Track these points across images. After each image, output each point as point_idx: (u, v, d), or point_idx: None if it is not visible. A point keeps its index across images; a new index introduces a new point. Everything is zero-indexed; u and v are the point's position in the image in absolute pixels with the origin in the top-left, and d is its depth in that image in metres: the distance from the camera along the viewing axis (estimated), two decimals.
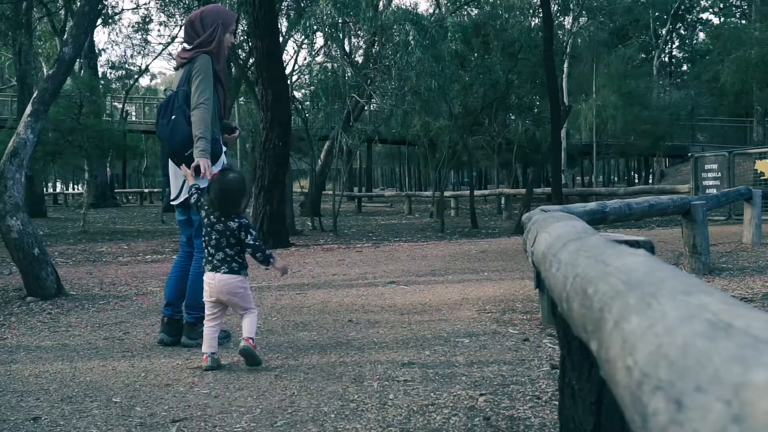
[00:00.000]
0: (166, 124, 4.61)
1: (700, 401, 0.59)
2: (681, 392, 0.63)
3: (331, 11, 15.62)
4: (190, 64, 4.63)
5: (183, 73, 4.66)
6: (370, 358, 4.20)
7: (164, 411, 3.34)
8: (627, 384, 0.80)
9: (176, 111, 4.56)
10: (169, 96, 4.71)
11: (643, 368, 0.75)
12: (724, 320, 0.71)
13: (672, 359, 0.69)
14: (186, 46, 4.80)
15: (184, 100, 4.56)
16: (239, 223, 4.14)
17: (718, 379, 0.59)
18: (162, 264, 10.53)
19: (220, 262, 4.12)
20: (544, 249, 2.33)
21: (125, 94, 39.42)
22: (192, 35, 4.75)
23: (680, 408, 0.62)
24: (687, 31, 51.73)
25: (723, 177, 15.75)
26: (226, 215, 4.15)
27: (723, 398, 0.56)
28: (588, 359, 2.09)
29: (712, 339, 0.67)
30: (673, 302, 0.83)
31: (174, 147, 4.57)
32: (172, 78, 5.00)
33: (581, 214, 5.09)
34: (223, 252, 4.12)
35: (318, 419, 3.16)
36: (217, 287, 4.11)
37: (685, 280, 0.95)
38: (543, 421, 3.07)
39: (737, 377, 0.57)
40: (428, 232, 17.10)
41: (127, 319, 5.84)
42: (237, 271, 4.13)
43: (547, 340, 4.53)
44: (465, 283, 7.34)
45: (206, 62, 4.63)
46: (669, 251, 9.04)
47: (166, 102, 4.69)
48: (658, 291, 0.91)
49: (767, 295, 5.91)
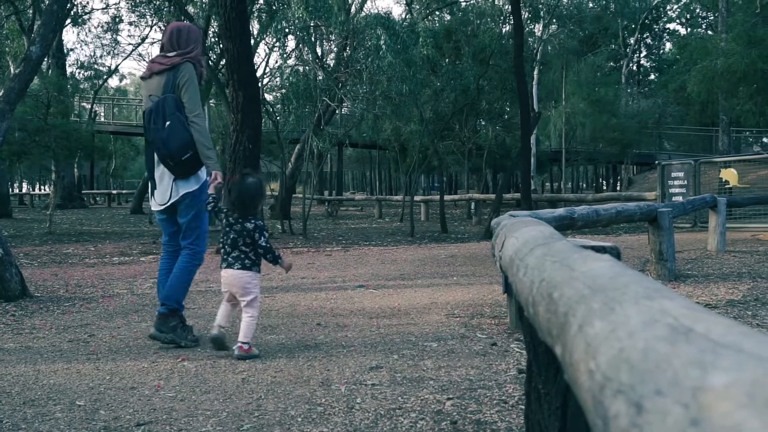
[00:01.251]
0: (160, 129, 4.73)
1: (660, 405, 0.60)
2: (641, 396, 0.64)
3: (302, 15, 15.60)
4: (173, 70, 4.78)
5: (166, 79, 4.78)
6: (338, 362, 4.19)
7: (129, 414, 3.31)
8: (589, 387, 0.80)
9: (170, 117, 4.71)
10: (157, 102, 4.78)
11: (606, 372, 0.75)
12: (685, 325, 0.72)
13: (633, 363, 0.70)
14: (167, 54, 4.89)
15: (176, 107, 4.73)
16: (254, 225, 4.48)
17: (678, 383, 0.60)
18: (129, 266, 10.43)
19: (234, 259, 4.45)
20: (511, 254, 2.35)
21: (94, 94, 38.99)
22: (175, 44, 4.89)
23: (640, 411, 0.62)
24: (655, 40, 52.38)
25: (689, 185, 15.95)
26: (244, 216, 4.49)
27: (681, 401, 0.57)
28: (554, 364, 2.10)
29: (673, 343, 0.68)
30: (636, 307, 0.84)
31: (171, 151, 4.71)
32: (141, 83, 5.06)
33: (550, 220, 5.12)
34: (238, 250, 4.45)
35: (285, 423, 3.15)
36: (230, 281, 4.47)
37: (648, 285, 0.96)
38: (510, 425, 3.08)
39: (696, 381, 0.58)
40: (398, 236, 17.12)
41: (93, 322, 5.77)
42: (249, 267, 4.47)
43: (515, 345, 4.55)
44: (434, 287, 7.36)
45: (192, 70, 4.84)
46: (636, 257, 9.14)
47: (156, 107, 4.78)
48: (621, 296, 0.92)
49: (731, 301, 5.99)
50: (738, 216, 14.69)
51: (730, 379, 0.55)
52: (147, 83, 4.95)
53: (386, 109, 18.00)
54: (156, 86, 4.84)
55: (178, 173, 4.81)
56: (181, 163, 4.75)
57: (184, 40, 4.92)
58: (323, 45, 20.78)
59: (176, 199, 4.82)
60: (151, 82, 4.90)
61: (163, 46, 4.97)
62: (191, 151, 4.74)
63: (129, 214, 28.88)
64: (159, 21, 23.77)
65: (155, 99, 4.83)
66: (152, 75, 4.89)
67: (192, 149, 4.74)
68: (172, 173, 4.82)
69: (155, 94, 4.84)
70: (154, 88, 4.85)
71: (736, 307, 5.77)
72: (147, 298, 7.04)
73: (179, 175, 4.81)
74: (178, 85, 4.78)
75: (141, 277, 8.71)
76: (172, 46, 4.91)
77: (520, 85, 16.54)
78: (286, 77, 17.71)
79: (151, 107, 4.83)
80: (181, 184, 4.83)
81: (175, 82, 4.78)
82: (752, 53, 20.74)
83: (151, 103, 4.84)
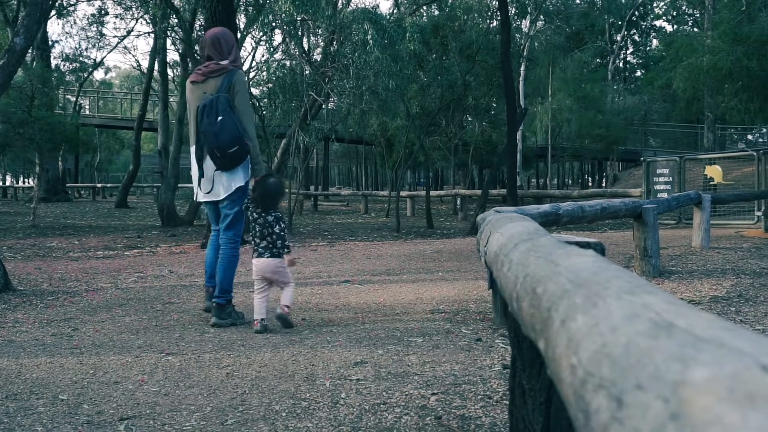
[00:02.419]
0: (213, 123, 5.24)
1: (640, 399, 0.60)
2: (622, 390, 0.64)
3: (289, 8, 15.54)
4: (227, 75, 5.37)
5: (221, 82, 5.36)
6: (323, 357, 4.19)
7: (112, 409, 3.29)
8: (571, 382, 0.80)
9: (222, 113, 5.24)
10: (211, 99, 5.30)
11: (587, 367, 0.75)
12: (667, 319, 0.72)
13: (615, 358, 0.70)
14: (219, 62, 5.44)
15: (228, 105, 5.29)
16: (274, 217, 5.12)
17: (659, 377, 0.60)
18: (114, 260, 10.38)
19: (263, 249, 5.08)
20: (496, 249, 2.35)
21: (79, 87, 38.76)
22: (218, 52, 5.47)
23: (621, 406, 0.62)
24: (641, 37, 52.62)
25: (674, 181, 16.02)
26: (266, 211, 5.11)
27: (662, 396, 0.57)
28: (538, 359, 2.10)
29: (654, 338, 0.68)
30: (618, 302, 0.84)
31: (222, 144, 5.22)
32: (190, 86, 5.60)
33: (535, 216, 5.13)
34: (265, 240, 5.09)
35: (269, 418, 3.14)
36: (262, 268, 5.08)
37: (631, 280, 0.96)
38: (494, 421, 3.09)
39: (677, 375, 0.58)
40: (384, 232, 17.11)
41: (77, 316, 5.74)
42: (278, 255, 5.09)
43: (500, 340, 4.56)
44: (419, 282, 7.36)
45: (244, 78, 5.52)
46: (620, 254, 9.17)
47: (210, 103, 5.29)
48: (604, 291, 0.92)
49: (715, 297, 6.02)
50: (722, 213, 14.77)
51: (710, 373, 0.55)
52: (200, 86, 5.45)
53: (373, 104, 17.96)
54: (212, 88, 5.38)
55: (221, 165, 5.29)
56: (227, 156, 5.25)
57: (224, 46, 5.48)
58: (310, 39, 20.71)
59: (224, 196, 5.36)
60: (205, 85, 5.42)
61: (209, 56, 5.48)
62: (237, 146, 5.24)
63: (114, 207, 28.74)
64: (145, 14, 23.64)
65: (209, 97, 5.33)
66: (207, 79, 5.42)
67: (238, 144, 5.24)
68: (215, 164, 5.30)
69: (210, 93, 5.37)
70: (210, 89, 5.39)
71: (720, 303, 5.80)
72: (131, 292, 7.01)
73: (222, 167, 5.30)
74: (232, 88, 5.35)
75: (125, 271, 8.67)
76: (220, 53, 5.47)
77: (506, 81, 16.56)
78: (273, 71, 17.66)
79: (205, 103, 5.32)
80: (234, 180, 5.33)
81: (229, 85, 5.35)
82: (738, 50, 20.82)
83: (206, 99, 5.33)
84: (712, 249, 9.49)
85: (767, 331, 4.89)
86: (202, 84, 5.44)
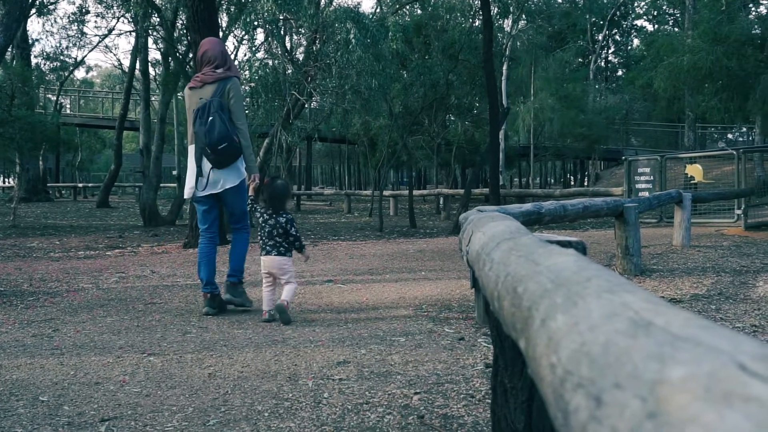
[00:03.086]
0: (204, 123, 5.69)
1: (619, 398, 0.60)
2: (601, 389, 0.64)
3: (271, 7, 15.49)
4: (222, 82, 5.80)
5: (216, 88, 5.79)
6: (305, 357, 4.18)
7: (93, 410, 3.27)
8: (551, 381, 0.81)
9: (213, 114, 5.67)
10: (205, 103, 5.74)
11: (567, 366, 0.75)
12: (646, 318, 0.72)
13: (594, 357, 0.70)
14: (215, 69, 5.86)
15: (219, 107, 5.71)
16: (286, 219, 5.52)
17: (637, 376, 0.60)
18: (95, 260, 10.31)
19: (271, 247, 5.47)
20: (478, 248, 2.35)
21: (60, 86, 38.45)
22: (220, 59, 5.90)
23: (599, 405, 0.62)
24: (622, 37, 52.90)
25: (655, 180, 16.11)
26: (276, 212, 5.51)
27: (640, 395, 0.57)
28: (520, 358, 2.11)
29: (633, 336, 0.68)
30: (598, 301, 0.85)
31: (211, 141, 5.64)
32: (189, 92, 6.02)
33: (517, 215, 5.15)
34: (273, 240, 5.47)
35: (251, 418, 3.13)
36: (270, 264, 5.47)
37: (611, 279, 0.96)
38: (476, 420, 3.09)
39: (654, 374, 0.58)
40: (367, 231, 17.11)
41: (57, 316, 5.70)
42: (284, 253, 5.50)
43: (482, 340, 4.57)
44: (402, 282, 7.36)
45: (239, 85, 5.99)
46: (602, 252, 9.22)
47: (203, 106, 5.73)
48: (584, 290, 0.92)
49: (696, 295, 6.06)
50: (703, 211, 14.86)
51: (687, 372, 0.56)
52: (198, 92, 5.87)
53: (355, 103, 17.94)
54: (209, 93, 5.80)
55: (214, 162, 5.71)
56: (218, 152, 5.66)
57: (226, 56, 5.97)
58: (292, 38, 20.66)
59: (222, 191, 5.79)
60: (202, 91, 5.83)
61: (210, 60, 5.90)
62: (226, 143, 5.66)
63: (95, 207, 28.55)
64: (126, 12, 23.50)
65: (204, 101, 5.77)
66: (204, 85, 5.84)
67: (227, 141, 5.66)
68: (209, 161, 5.72)
69: (206, 97, 5.80)
70: (207, 94, 5.80)
71: (701, 301, 5.84)
72: (113, 292, 6.96)
73: (216, 164, 5.72)
74: (227, 94, 5.79)
75: (107, 272, 8.61)
76: (221, 61, 5.90)
77: (489, 80, 16.60)
78: (255, 71, 17.59)
79: (199, 106, 5.76)
80: (228, 178, 5.78)
81: (223, 91, 5.78)
82: (717, 50, 20.98)
83: (200, 104, 5.78)
84: (693, 247, 9.55)
85: (747, 329, 4.93)
86: (199, 89, 5.87)
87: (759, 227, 12.95)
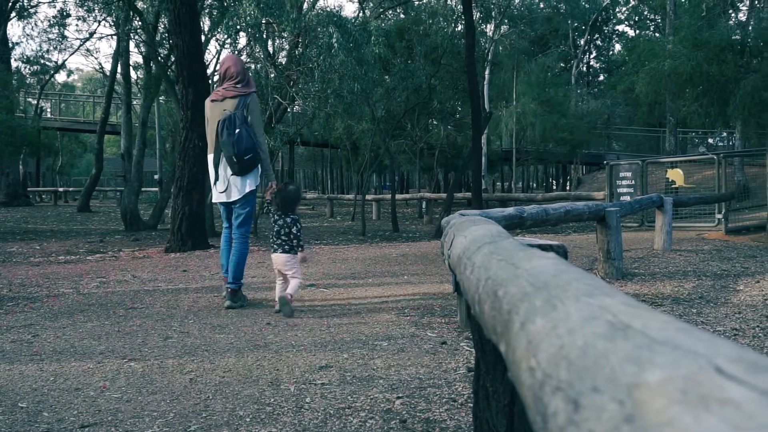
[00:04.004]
0: (231, 134, 6.18)
1: (596, 401, 0.60)
2: (579, 393, 0.64)
3: (254, 11, 15.46)
4: (243, 97, 6.32)
5: (238, 102, 6.30)
6: (287, 362, 4.17)
7: (73, 416, 3.25)
8: (530, 385, 0.80)
9: (240, 127, 6.20)
10: (229, 115, 6.24)
11: (546, 369, 0.75)
12: (624, 321, 0.72)
13: (572, 360, 0.70)
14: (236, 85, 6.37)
15: (243, 121, 6.25)
16: (292, 219, 6.02)
17: (614, 380, 0.60)
18: (76, 265, 10.24)
19: (278, 246, 5.98)
20: (459, 252, 2.35)
21: (40, 89, 38.19)
22: (241, 76, 6.40)
23: (577, 408, 0.62)
24: (604, 42, 53.18)
25: (636, 185, 16.20)
26: (285, 214, 6.01)
27: (617, 398, 0.57)
28: (501, 362, 2.11)
29: (611, 340, 0.68)
30: (577, 304, 0.84)
31: (239, 151, 6.16)
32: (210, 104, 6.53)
33: (499, 219, 5.16)
34: (281, 239, 5.98)
35: (233, 423, 3.12)
36: (277, 261, 5.99)
37: (590, 283, 0.97)
38: (458, 424, 3.09)
39: (632, 377, 0.58)
40: (349, 235, 17.09)
41: (37, 322, 5.65)
42: (288, 251, 5.97)
43: (465, 343, 4.57)
44: (385, 286, 7.36)
45: (257, 100, 6.53)
46: (584, 256, 9.25)
47: (229, 118, 6.23)
48: (563, 293, 0.92)
49: (677, 299, 6.10)
50: (684, 215, 14.97)
51: (664, 375, 0.56)
52: (219, 104, 6.35)
53: (338, 107, 17.94)
54: (230, 106, 6.29)
55: (236, 170, 6.20)
56: (243, 162, 6.18)
57: (243, 73, 6.46)
58: (275, 42, 20.63)
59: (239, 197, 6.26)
60: (223, 104, 6.33)
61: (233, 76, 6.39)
62: (251, 154, 6.20)
63: (76, 212, 28.36)
64: (108, 16, 23.39)
65: (228, 113, 6.25)
66: (225, 99, 6.33)
67: (252, 152, 6.21)
68: (232, 169, 6.20)
69: (228, 110, 6.28)
70: (228, 107, 6.30)
71: (682, 304, 5.87)
72: (93, 297, 6.91)
73: (237, 172, 6.20)
74: (247, 108, 6.31)
75: (87, 276, 8.55)
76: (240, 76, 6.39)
77: (471, 84, 16.64)
78: None
79: (224, 118, 6.24)
80: (246, 184, 6.25)
81: (244, 105, 6.30)
82: (698, 55, 21.13)
83: (225, 115, 6.25)
84: (674, 251, 9.61)
85: (728, 332, 4.96)
86: (221, 102, 6.36)
87: (739, 231, 13.05)
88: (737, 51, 22.24)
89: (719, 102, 22.24)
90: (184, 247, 11.45)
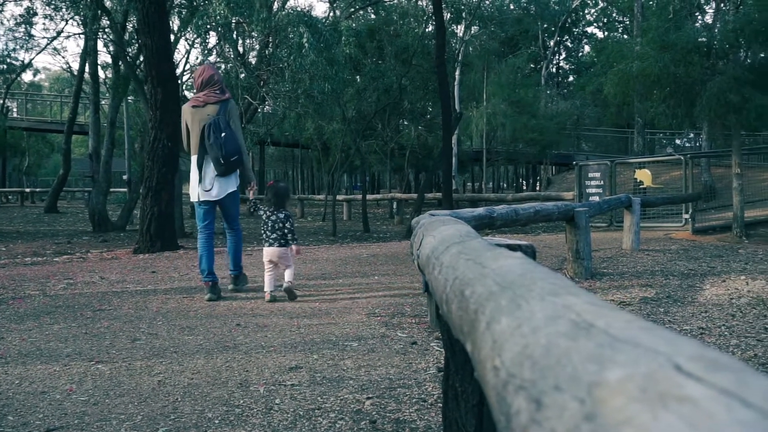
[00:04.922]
0: (218, 137, 6.58)
1: (558, 400, 0.60)
2: (541, 391, 0.64)
3: (224, 10, 15.38)
4: (223, 103, 6.75)
5: (219, 107, 6.73)
6: (257, 363, 4.15)
7: (38, 420, 3.20)
8: (495, 384, 0.80)
9: (225, 130, 6.62)
10: (215, 119, 6.65)
11: (510, 368, 0.75)
12: (587, 320, 0.73)
13: (536, 359, 0.70)
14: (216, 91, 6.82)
15: (227, 125, 6.66)
16: (285, 215, 6.52)
17: (576, 378, 0.60)
18: (42, 267, 10.11)
19: (273, 240, 6.47)
20: (428, 252, 2.36)
21: (6, 89, 37.68)
22: (218, 84, 6.87)
23: (539, 407, 0.62)
24: (573, 43, 53.62)
25: (605, 185, 16.35)
26: (277, 209, 6.50)
27: (578, 397, 0.57)
28: (470, 362, 2.11)
29: (574, 338, 0.68)
30: (542, 303, 0.85)
31: (227, 153, 6.59)
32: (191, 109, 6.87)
33: (469, 219, 5.17)
34: (275, 233, 6.46)
35: (201, 425, 3.09)
36: (272, 254, 6.46)
37: (555, 282, 0.97)
38: (428, 424, 3.10)
39: (593, 376, 0.58)
40: (320, 236, 17.06)
41: (2, 324, 5.57)
42: (284, 245, 6.47)
43: (435, 344, 4.58)
44: (355, 286, 7.35)
45: (236, 106, 7.05)
46: (554, 256, 9.31)
47: (215, 123, 6.63)
48: (528, 292, 0.93)
49: (645, 298, 6.16)
50: (652, 215, 15.14)
51: (624, 373, 0.56)
52: (201, 110, 6.74)
53: (308, 107, 17.91)
54: (212, 111, 6.70)
55: (222, 171, 6.62)
56: (229, 163, 6.62)
57: (220, 82, 6.93)
58: (245, 42, 20.55)
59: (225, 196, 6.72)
60: (206, 109, 6.73)
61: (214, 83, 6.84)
62: (237, 156, 6.66)
63: (43, 213, 28.02)
64: (75, 15, 23.13)
65: (213, 118, 6.66)
66: (206, 104, 6.73)
67: (237, 154, 6.67)
68: (217, 170, 6.62)
69: (212, 115, 6.68)
70: (211, 112, 6.70)
71: (650, 304, 5.93)
72: (60, 299, 6.83)
73: (222, 173, 6.63)
74: (228, 114, 6.76)
75: (54, 278, 8.45)
76: (218, 84, 6.86)
77: (441, 85, 16.69)
78: None
79: (210, 122, 6.64)
80: (228, 185, 6.72)
81: (226, 110, 6.74)
82: (665, 57, 21.30)
83: (210, 120, 6.65)
84: (642, 251, 9.71)
85: (694, 331, 5.02)
86: (202, 108, 6.75)
87: (706, 231, 13.23)
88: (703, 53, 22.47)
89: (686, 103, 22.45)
90: (153, 248, 11.36)
